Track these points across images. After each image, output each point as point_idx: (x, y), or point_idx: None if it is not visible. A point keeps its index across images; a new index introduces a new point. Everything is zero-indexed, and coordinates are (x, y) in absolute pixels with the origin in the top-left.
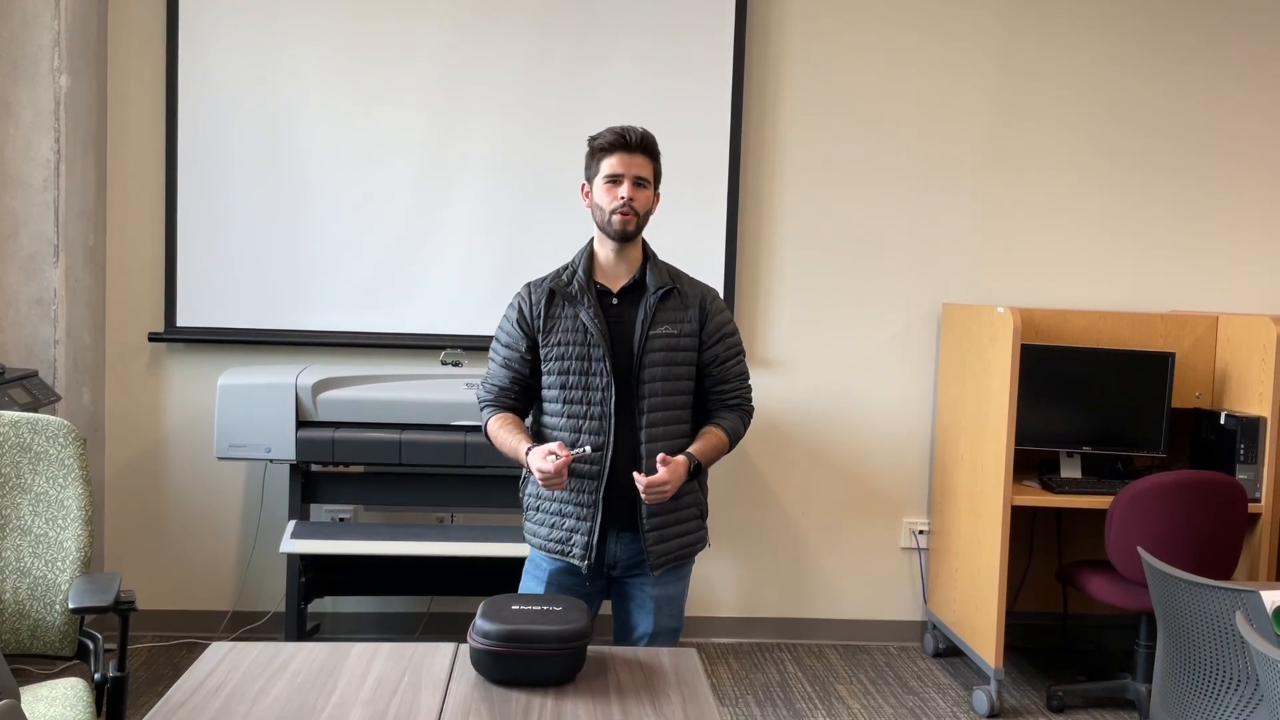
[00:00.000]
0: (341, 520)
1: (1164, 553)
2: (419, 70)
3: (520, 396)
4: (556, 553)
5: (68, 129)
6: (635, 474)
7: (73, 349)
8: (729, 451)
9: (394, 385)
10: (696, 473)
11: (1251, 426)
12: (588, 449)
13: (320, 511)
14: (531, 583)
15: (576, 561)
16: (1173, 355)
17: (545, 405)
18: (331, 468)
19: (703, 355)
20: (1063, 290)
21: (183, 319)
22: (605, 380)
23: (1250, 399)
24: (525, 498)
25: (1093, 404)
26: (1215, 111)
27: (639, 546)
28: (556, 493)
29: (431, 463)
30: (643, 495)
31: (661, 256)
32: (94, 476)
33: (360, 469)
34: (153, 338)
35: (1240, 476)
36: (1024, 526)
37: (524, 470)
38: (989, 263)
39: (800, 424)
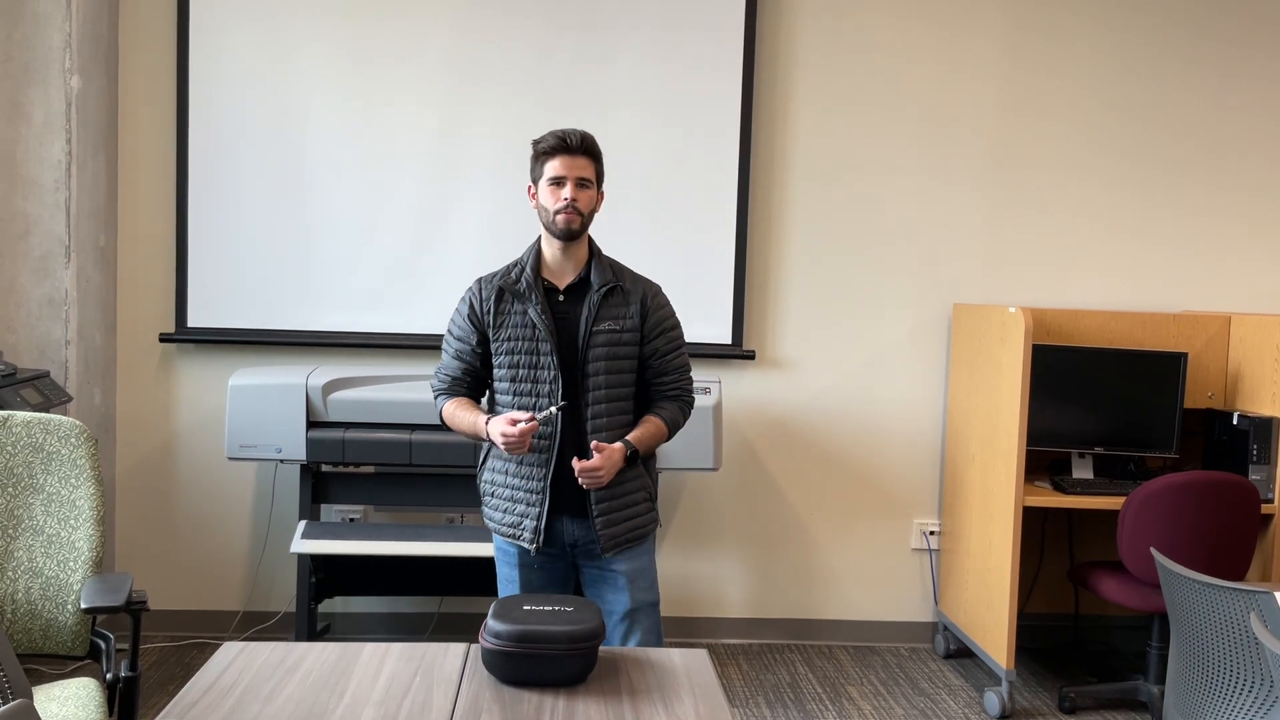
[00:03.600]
0: (352, 520)
1: (1176, 553)
2: (427, 69)
3: (472, 386)
4: (510, 536)
5: (79, 130)
6: (574, 460)
7: (84, 349)
8: (669, 439)
9: (404, 385)
10: (634, 459)
11: (1264, 427)
12: (554, 409)
13: (330, 512)
14: (505, 569)
15: (526, 545)
16: (1185, 355)
17: (497, 397)
18: (342, 468)
19: (644, 349)
20: (1074, 290)
21: (193, 319)
22: (553, 374)
23: (1263, 399)
24: (481, 484)
25: (1104, 404)
26: (1228, 109)
27: (591, 529)
28: (509, 479)
29: (441, 463)
30: (580, 480)
31: (669, 254)
32: (105, 477)
33: (370, 469)
34: (163, 338)
35: (1253, 477)
36: (1035, 527)
37: (481, 456)
38: (1000, 262)
39: (810, 424)
